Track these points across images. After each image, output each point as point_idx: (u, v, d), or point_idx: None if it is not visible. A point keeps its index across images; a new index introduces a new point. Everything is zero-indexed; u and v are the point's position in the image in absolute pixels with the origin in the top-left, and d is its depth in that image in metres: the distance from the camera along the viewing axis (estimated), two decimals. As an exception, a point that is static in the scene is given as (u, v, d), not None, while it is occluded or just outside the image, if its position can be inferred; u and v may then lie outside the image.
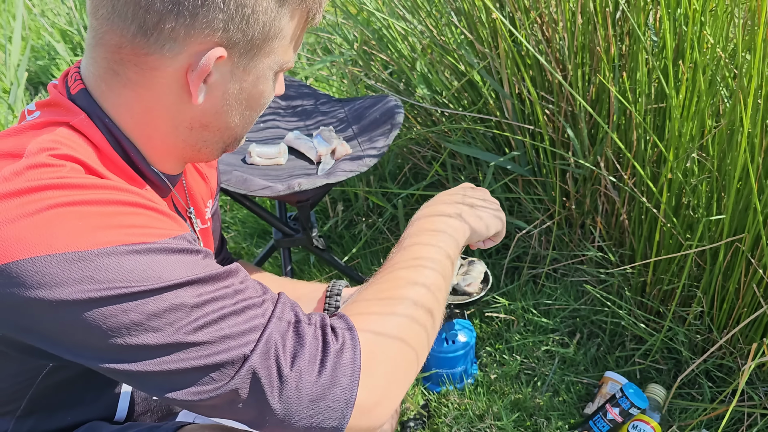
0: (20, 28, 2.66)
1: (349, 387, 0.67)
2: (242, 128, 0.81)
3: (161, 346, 0.63)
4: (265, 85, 0.77)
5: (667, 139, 1.36)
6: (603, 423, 1.36)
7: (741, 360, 1.41)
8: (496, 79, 1.66)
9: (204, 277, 0.66)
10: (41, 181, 0.63)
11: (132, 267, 0.62)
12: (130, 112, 0.73)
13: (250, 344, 0.65)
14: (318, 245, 1.66)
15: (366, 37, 1.95)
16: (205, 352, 0.64)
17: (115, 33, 0.69)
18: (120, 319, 0.62)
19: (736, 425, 1.38)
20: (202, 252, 0.70)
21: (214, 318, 0.65)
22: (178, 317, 0.63)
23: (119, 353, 0.63)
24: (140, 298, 0.62)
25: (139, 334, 0.62)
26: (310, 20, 0.76)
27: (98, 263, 0.61)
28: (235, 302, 0.67)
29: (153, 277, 0.63)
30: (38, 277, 0.60)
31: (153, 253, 0.64)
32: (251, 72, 0.74)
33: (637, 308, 1.57)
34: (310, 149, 1.60)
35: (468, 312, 1.71)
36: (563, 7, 1.50)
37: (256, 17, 0.69)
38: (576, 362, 1.58)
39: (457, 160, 1.93)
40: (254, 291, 0.70)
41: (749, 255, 1.28)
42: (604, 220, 1.65)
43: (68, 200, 0.63)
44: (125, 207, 0.66)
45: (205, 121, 0.76)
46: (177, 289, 0.64)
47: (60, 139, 0.69)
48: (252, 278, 0.73)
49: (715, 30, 1.26)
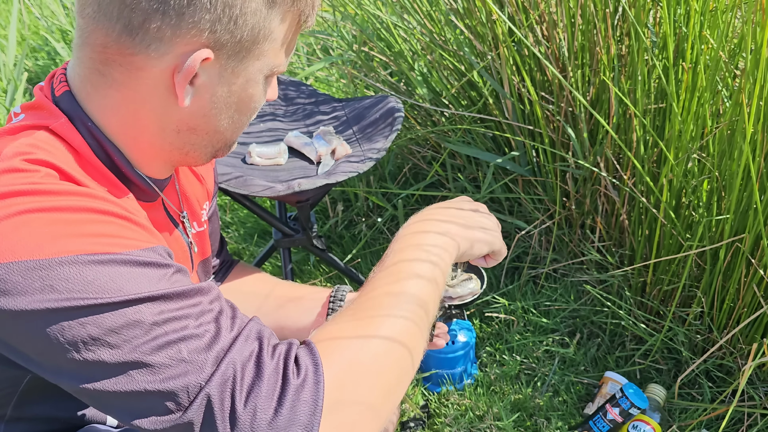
0: (15, 28, 2.65)
1: (308, 426, 0.61)
2: (232, 132, 0.79)
3: (117, 364, 0.60)
4: (255, 89, 0.75)
5: (667, 139, 1.36)
6: (603, 423, 1.36)
7: (741, 360, 1.41)
8: (496, 79, 1.65)
9: (168, 293, 0.63)
10: (11, 186, 0.62)
11: (93, 278, 0.60)
12: (116, 115, 0.72)
13: (207, 372, 0.61)
14: (318, 245, 1.66)
15: (365, 37, 1.95)
16: (160, 375, 0.60)
17: (101, 32, 0.67)
18: (77, 332, 0.60)
19: (737, 425, 1.38)
20: (172, 267, 0.66)
21: (174, 339, 0.61)
22: (136, 335, 0.60)
23: (77, 369, 0.61)
24: (98, 311, 0.60)
25: (96, 349, 0.60)
26: (302, 23, 0.74)
27: (59, 272, 0.60)
28: (199, 324, 0.63)
29: (113, 290, 0.61)
30: (1, 284, 0.59)
31: (117, 264, 0.62)
32: (240, 74, 0.72)
33: (637, 308, 1.57)
34: (310, 149, 1.60)
35: (467, 312, 1.71)
36: (563, 7, 1.50)
37: (245, 18, 0.67)
38: (576, 362, 1.58)
39: (457, 160, 1.93)
40: (221, 313, 0.66)
41: (749, 255, 1.28)
42: (604, 221, 1.65)
43: (36, 206, 0.61)
44: (95, 215, 0.64)
45: (193, 124, 0.74)
46: (137, 305, 0.61)
47: (37, 143, 0.67)
48: (224, 299, 0.69)
49: (715, 30, 1.27)
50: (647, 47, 1.36)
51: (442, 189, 1.95)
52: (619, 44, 1.51)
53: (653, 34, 1.44)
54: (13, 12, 2.63)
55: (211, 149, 0.79)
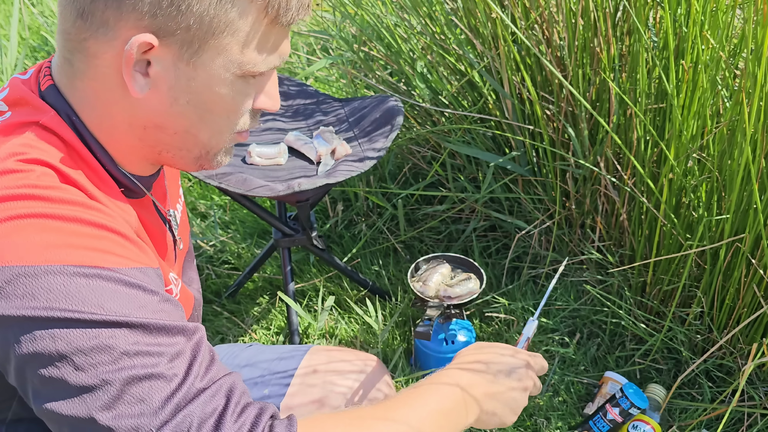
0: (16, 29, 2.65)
1: None
2: (210, 137, 0.74)
3: (76, 387, 0.58)
4: (226, 89, 0.70)
5: (667, 138, 1.36)
6: (603, 423, 1.36)
7: (741, 360, 1.41)
8: (496, 79, 1.65)
9: (148, 324, 0.61)
10: (6, 190, 0.61)
11: (75, 290, 0.59)
12: (90, 107, 0.70)
13: (161, 419, 0.59)
14: (318, 245, 1.66)
15: (365, 37, 1.95)
16: (113, 411, 0.58)
17: (63, 17, 0.67)
18: (47, 344, 0.58)
19: (736, 425, 1.38)
20: (158, 294, 0.64)
21: (139, 375, 0.59)
22: (103, 360, 0.58)
23: (40, 384, 0.59)
24: (72, 326, 0.58)
25: (61, 366, 0.58)
26: (276, 18, 0.68)
27: (43, 281, 0.59)
28: (171, 366, 0.60)
29: (93, 305, 0.59)
30: None
31: (102, 279, 0.61)
32: (199, 69, 0.68)
33: (637, 308, 1.57)
34: (310, 149, 1.60)
35: (467, 312, 1.71)
36: (563, 7, 1.50)
37: (189, 5, 0.64)
38: (576, 362, 1.58)
39: (457, 160, 1.93)
40: (196, 359, 0.63)
41: (749, 255, 1.28)
42: (604, 220, 1.65)
43: (29, 212, 0.61)
44: (88, 227, 0.63)
45: (158, 121, 0.71)
46: (114, 328, 0.59)
47: (29, 143, 0.66)
48: (207, 345, 0.66)
49: (716, 29, 1.26)
50: (648, 47, 1.36)
51: (442, 189, 1.95)
52: (619, 44, 1.51)
53: (653, 34, 1.43)
54: (13, 12, 2.63)
55: (188, 154, 0.75)
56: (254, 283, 1.91)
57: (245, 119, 0.75)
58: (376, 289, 1.80)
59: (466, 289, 1.47)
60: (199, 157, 0.76)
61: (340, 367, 1.12)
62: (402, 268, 1.89)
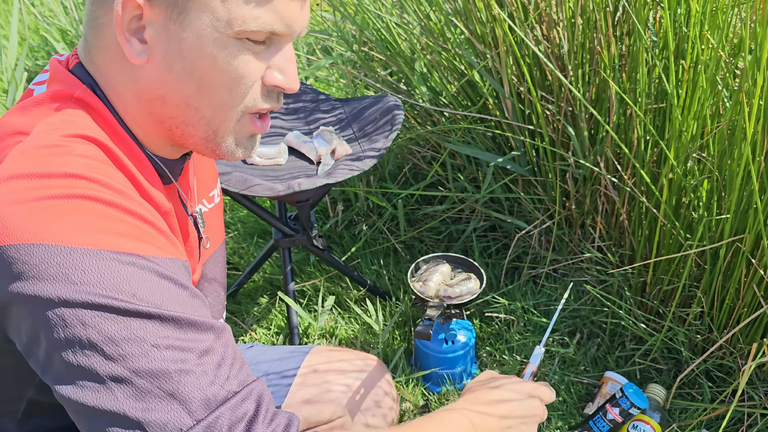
0: (16, 28, 2.65)
1: None
2: (214, 114, 0.70)
3: (105, 377, 0.57)
4: (218, 50, 0.66)
5: (667, 138, 1.36)
6: (603, 423, 1.36)
7: (741, 360, 1.41)
8: (496, 78, 1.65)
9: (178, 318, 0.60)
10: (49, 167, 0.61)
11: (109, 274, 0.58)
12: (104, 80, 0.70)
13: (194, 418, 0.57)
14: (318, 245, 1.66)
15: (365, 37, 1.95)
16: (143, 403, 0.57)
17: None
18: (77, 331, 0.57)
19: (736, 425, 1.38)
20: (188, 289, 0.64)
21: (169, 369, 0.58)
22: (134, 352, 0.57)
23: (65, 370, 0.58)
24: (105, 311, 0.57)
25: (91, 354, 0.57)
26: None
27: (77, 263, 0.58)
28: (200, 363, 0.59)
29: (126, 292, 0.58)
30: (20, 266, 0.58)
31: (137, 267, 0.60)
32: (187, 29, 0.65)
33: (637, 308, 1.57)
34: (310, 149, 1.60)
35: (467, 312, 1.71)
36: (563, 6, 1.50)
37: None
38: (576, 362, 1.58)
39: (456, 160, 1.93)
40: (225, 360, 0.62)
41: (749, 255, 1.28)
42: (604, 220, 1.65)
43: (66, 193, 0.60)
44: (123, 213, 0.62)
45: (160, 92, 0.69)
46: (145, 320, 0.58)
47: (69, 117, 0.66)
48: (235, 347, 0.64)
49: (715, 29, 1.26)
50: (648, 46, 1.36)
51: (442, 189, 1.95)
52: (619, 43, 1.51)
53: (653, 34, 1.43)
54: (13, 12, 2.63)
55: (195, 132, 0.71)
56: (254, 283, 1.91)
57: (254, 96, 0.70)
58: (376, 289, 1.80)
59: (466, 289, 1.48)
60: (207, 138, 0.72)
61: (340, 367, 1.12)
62: (402, 268, 1.89)
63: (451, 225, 1.94)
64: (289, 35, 0.69)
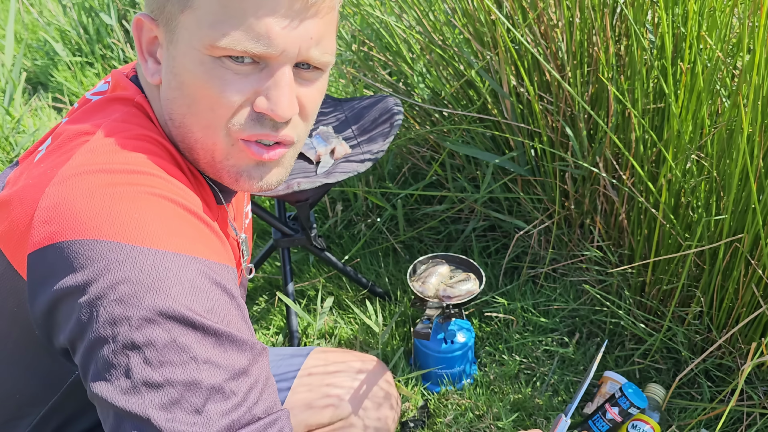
0: (13, 28, 2.64)
1: None
2: (204, 136, 0.68)
3: (139, 380, 0.57)
4: (197, 66, 0.65)
5: (665, 139, 1.37)
6: (602, 423, 1.36)
7: (740, 360, 1.41)
8: (495, 78, 1.66)
9: (222, 333, 0.59)
10: (117, 164, 0.63)
11: (166, 276, 0.58)
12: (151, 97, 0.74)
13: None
14: (317, 245, 1.66)
15: (364, 37, 1.95)
16: (169, 413, 0.56)
17: None
18: (123, 330, 0.57)
19: (736, 425, 1.39)
20: (236, 300, 0.63)
21: (201, 383, 0.57)
22: (172, 360, 0.57)
23: (103, 368, 0.58)
24: (153, 312, 0.57)
25: (131, 355, 0.57)
26: None
27: (135, 261, 0.58)
28: (232, 384, 0.59)
29: (179, 299, 0.58)
30: (81, 260, 0.58)
31: (188, 269, 0.59)
32: (176, 48, 0.66)
33: (637, 308, 1.57)
34: (309, 149, 1.60)
35: (466, 312, 1.72)
36: (562, 7, 1.50)
37: None
38: (575, 362, 1.58)
39: (456, 160, 1.93)
40: (257, 385, 0.61)
41: (748, 255, 1.28)
42: (603, 220, 1.66)
43: (134, 190, 0.61)
44: (180, 209, 0.63)
45: (169, 112, 0.70)
46: (188, 328, 0.58)
47: (132, 119, 0.69)
48: (269, 373, 0.63)
49: (713, 30, 1.27)
50: (645, 47, 1.36)
51: (442, 189, 1.95)
52: (617, 44, 1.51)
53: (651, 34, 1.44)
54: (11, 11, 2.62)
55: (198, 155, 0.71)
56: (253, 283, 1.91)
57: (240, 120, 0.67)
58: (375, 289, 1.80)
59: (465, 289, 1.48)
60: (208, 163, 0.71)
61: (339, 369, 1.12)
62: (401, 268, 1.89)
63: (451, 225, 1.94)
64: (279, 56, 0.65)
